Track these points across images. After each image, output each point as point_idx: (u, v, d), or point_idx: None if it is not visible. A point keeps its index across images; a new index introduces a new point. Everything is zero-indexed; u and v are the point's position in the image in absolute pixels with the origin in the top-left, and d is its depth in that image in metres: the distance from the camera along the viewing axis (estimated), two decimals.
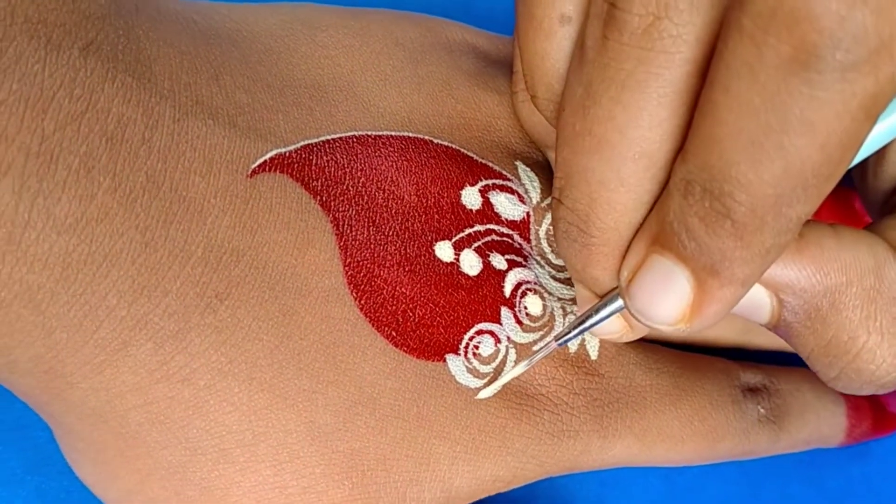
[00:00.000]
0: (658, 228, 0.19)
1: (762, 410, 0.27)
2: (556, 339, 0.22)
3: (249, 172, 0.22)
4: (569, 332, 0.22)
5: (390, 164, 0.23)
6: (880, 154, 0.23)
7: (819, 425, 0.29)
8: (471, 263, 0.24)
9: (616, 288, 0.21)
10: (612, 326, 0.22)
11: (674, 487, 0.31)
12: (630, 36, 0.17)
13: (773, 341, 0.30)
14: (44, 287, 0.19)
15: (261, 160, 0.22)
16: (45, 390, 0.20)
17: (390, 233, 0.23)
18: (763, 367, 0.29)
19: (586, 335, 0.25)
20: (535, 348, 0.24)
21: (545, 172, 0.26)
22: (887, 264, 0.20)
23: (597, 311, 0.21)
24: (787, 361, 0.30)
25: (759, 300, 0.20)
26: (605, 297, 0.21)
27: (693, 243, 0.18)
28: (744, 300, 0.20)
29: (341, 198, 0.23)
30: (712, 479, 0.31)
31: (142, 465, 0.21)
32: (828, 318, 0.20)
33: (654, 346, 0.27)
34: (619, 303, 0.21)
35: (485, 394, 0.23)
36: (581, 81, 0.19)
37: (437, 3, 0.31)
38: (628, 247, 0.20)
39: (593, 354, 0.25)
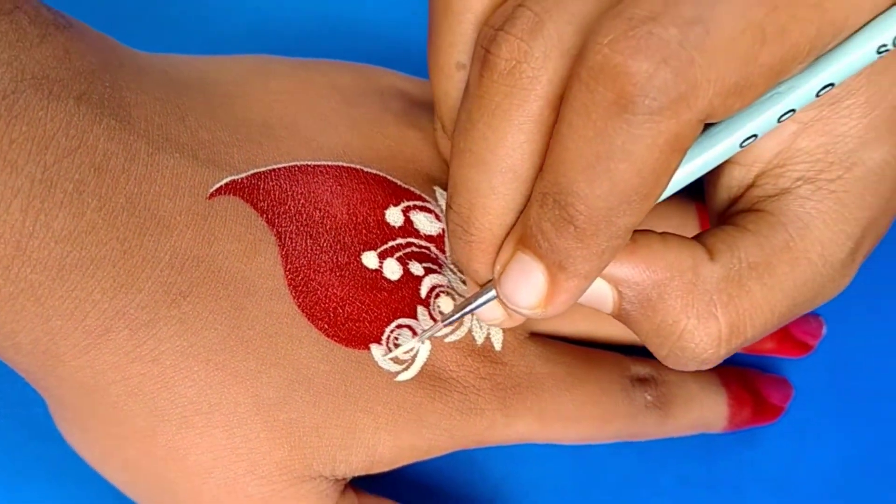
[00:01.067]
0: (522, 231, 0.23)
1: (649, 398, 0.31)
2: (443, 320, 0.27)
3: (208, 195, 0.26)
4: (453, 315, 0.27)
5: (326, 188, 0.28)
6: (713, 181, 0.27)
7: (702, 412, 0.33)
8: (392, 270, 0.28)
9: (492, 279, 0.25)
10: (495, 313, 0.26)
11: (580, 465, 0.34)
12: (498, 75, 0.22)
13: None
14: (43, 284, 0.23)
15: (217, 185, 0.26)
16: (42, 367, 0.25)
17: (324, 244, 0.28)
18: (653, 361, 0.32)
19: (492, 331, 0.29)
20: (437, 327, 0.28)
21: None
22: (703, 264, 0.24)
23: (476, 298, 0.26)
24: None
25: (603, 293, 0.25)
26: (483, 287, 0.26)
27: (546, 243, 0.22)
28: (592, 294, 0.24)
29: (284, 215, 0.27)
30: (616, 459, 0.35)
31: (119, 431, 0.26)
32: (656, 306, 0.24)
33: (554, 341, 0.31)
34: (494, 292, 0.25)
35: (402, 377, 0.28)
36: (465, 110, 0.23)
37: (379, 52, 0.35)
38: (501, 245, 0.24)
39: (497, 346, 0.29)
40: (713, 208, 0.27)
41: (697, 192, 0.32)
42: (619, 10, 0.20)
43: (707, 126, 0.23)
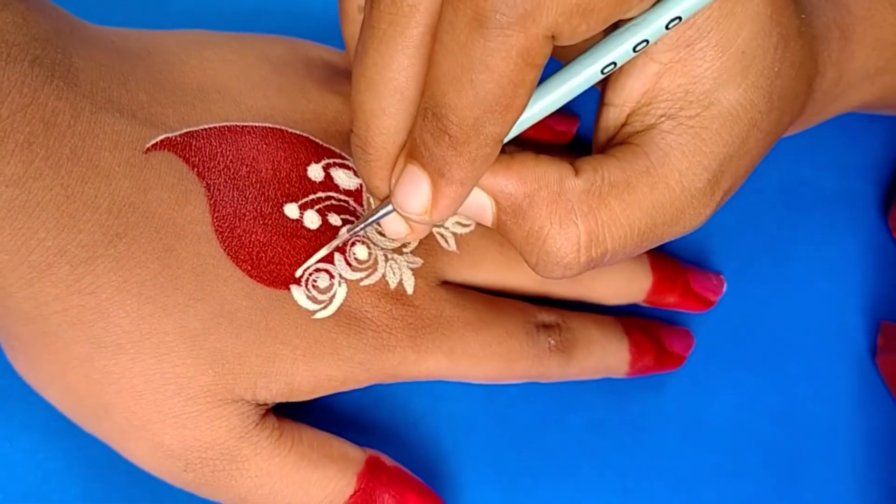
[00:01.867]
0: (410, 145, 0.25)
1: (552, 342, 0.33)
2: (349, 231, 0.29)
3: (144, 150, 0.29)
4: (359, 225, 0.29)
5: (252, 146, 0.31)
6: (596, 124, 0.29)
7: (604, 356, 0.35)
8: (312, 220, 0.31)
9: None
10: (398, 227, 0.28)
11: (494, 404, 0.37)
12: (384, 5, 0.23)
13: (569, 291, 0.36)
14: None
15: (153, 141, 0.29)
16: None
17: (250, 196, 0.30)
18: (558, 310, 0.35)
19: (405, 277, 0.32)
20: (336, 242, 0.30)
21: None
22: (568, 178, 0.26)
23: (378, 210, 0.28)
24: (581, 308, 0.37)
25: (483, 203, 0.26)
26: (383, 202, 0.28)
27: (427, 153, 0.24)
28: (474, 204, 0.26)
29: (213, 170, 0.30)
30: (527, 400, 0.37)
31: (60, 357, 0.28)
32: (526, 213, 0.26)
33: (465, 289, 0.34)
34: (391, 205, 0.27)
35: (320, 315, 0.30)
36: (360, 41, 0.25)
37: (310, 29, 0.38)
38: (396, 162, 0.26)
39: (409, 290, 0.32)
40: (596, 148, 0.29)
41: None
42: None
43: (574, 57, 0.25)
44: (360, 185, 0.32)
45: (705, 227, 0.35)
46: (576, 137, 0.40)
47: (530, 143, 0.37)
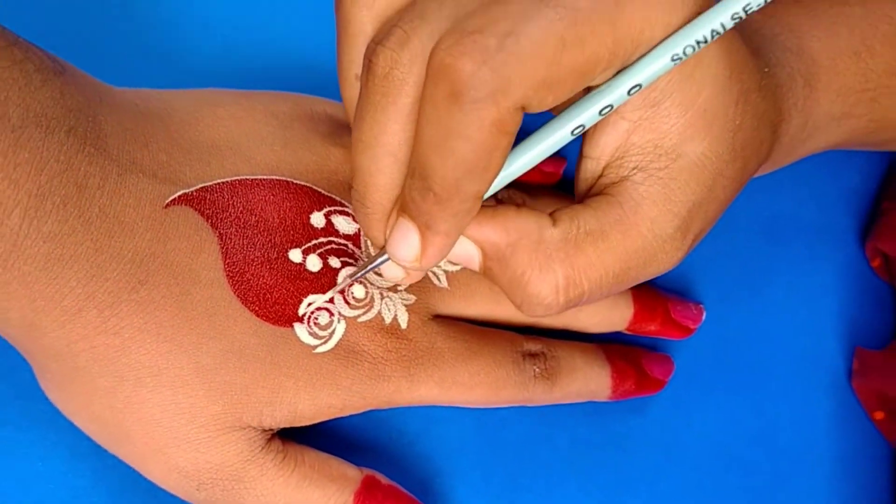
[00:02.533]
0: (402, 201, 0.28)
1: (537, 369, 0.35)
2: (351, 277, 0.33)
3: (164, 205, 0.31)
4: (360, 271, 0.32)
5: (261, 197, 0.34)
6: (576, 175, 0.31)
7: (587, 382, 0.37)
8: (314, 263, 0.34)
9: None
10: (395, 272, 0.31)
11: (484, 426, 0.39)
12: (378, 78, 0.26)
13: (555, 321, 0.39)
14: (32, 274, 0.28)
15: (172, 197, 0.31)
16: (28, 338, 0.29)
17: (258, 243, 0.33)
18: (544, 339, 0.38)
19: (399, 312, 0.35)
20: (339, 286, 0.33)
21: None
22: (546, 228, 0.28)
23: (376, 258, 0.31)
24: (566, 337, 0.39)
25: (470, 252, 0.29)
26: (381, 251, 0.30)
27: (416, 208, 0.27)
28: (461, 253, 0.29)
29: (225, 220, 0.33)
30: (515, 421, 0.39)
31: (87, 389, 0.30)
32: (509, 261, 0.29)
33: (455, 322, 0.36)
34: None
35: (321, 349, 0.33)
36: (358, 108, 0.27)
37: (313, 83, 0.40)
38: (390, 214, 0.29)
39: (403, 325, 0.35)
40: (578, 197, 0.31)
41: None
42: (456, 25, 0.24)
43: (545, 120, 0.28)
44: (359, 230, 0.35)
45: (687, 258, 0.38)
46: (563, 177, 0.43)
47: (522, 185, 0.39)
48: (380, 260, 0.31)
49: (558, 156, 0.42)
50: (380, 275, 0.34)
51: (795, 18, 0.37)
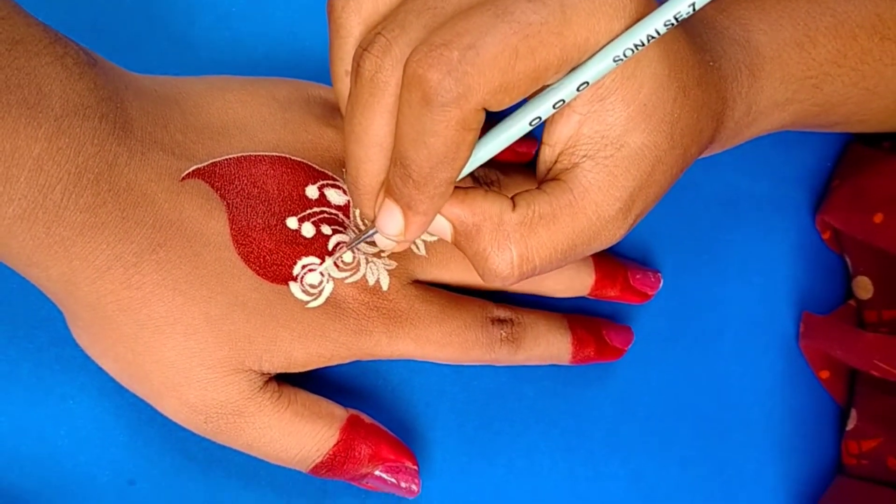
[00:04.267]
0: (387, 184, 0.32)
1: (504, 334, 0.40)
2: (347, 246, 0.37)
3: (180, 179, 0.35)
4: (354, 242, 0.36)
5: (262, 171, 0.39)
6: (537, 159, 0.34)
7: (549, 347, 0.41)
8: (308, 230, 0.39)
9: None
10: (386, 242, 0.35)
11: (460, 376, 0.44)
12: (365, 80, 0.30)
13: (523, 286, 0.44)
14: (69, 238, 0.32)
15: (186, 172, 0.35)
16: (63, 291, 0.33)
17: (259, 211, 0.38)
18: (512, 307, 0.41)
19: (381, 276, 0.40)
20: (335, 257, 0.38)
21: None
22: (506, 212, 0.32)
23: (367, 231, 0.35)
24: (532, 304, 0.42)
25: (444, 226, 0.33)
26: (371, 224, 0.34)
27: (398, 192, 0.31)
28: (438, 227, 0.33)
29: (232, 191, 0.38)
30: (488, 373, 0.44)
31: (112, 335, 0.34)
32: (475, 237, 0.33)
33: (433, 287, 0.41)
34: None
35: (312, 304, 0.38)
36: (348, 104, 0.31)
37: (311, 69, 0.45)
38: (378, 194, 0.33)
39: (385, 287, 0.40)
40: (538, 177, 0.34)
41: None
42: (427, 39, 0.28)
43: (504, 114, 0.31)
44: (348, 202, 0.39)
45: (647, 228, 0.43)
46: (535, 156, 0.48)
47: (498, 164, 0.44)
48: (370, 232, 0.36)
49: (530, 137, 0.47)
50: (373, 244, 0.39)
51: (745, 12, 0.41)
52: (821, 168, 0.52)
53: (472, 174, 0.42)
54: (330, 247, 0.39)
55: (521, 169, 0.45)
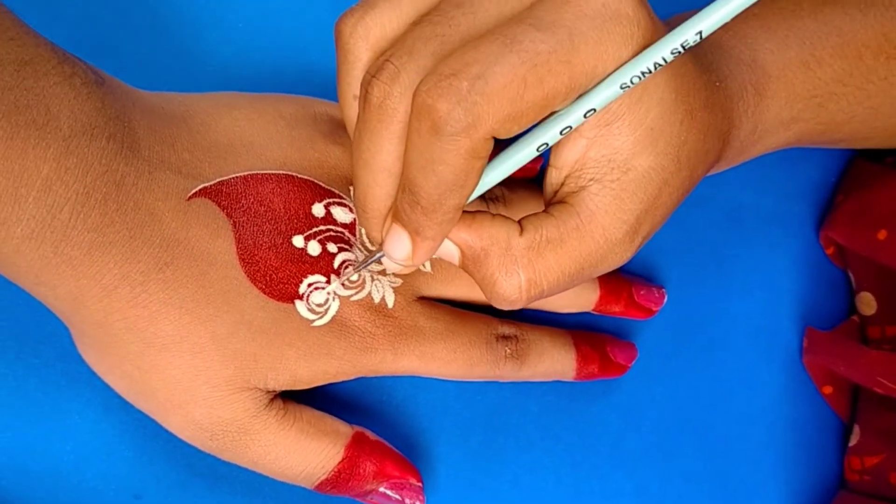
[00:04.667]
0: (395, 209, 0.32)
1: (508, 350, 0.40)
2: (355, 269, 0.37)
3: (187, 198, 0.35)
4: (361, 265, 0.36)
5: (269, 190, 0.39)
6: (544, 182, 0.34)
7: (553, 364, 0.42)
8: (314, 248, 0.39)
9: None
10: (394, 266, 0.34)
11: (464, 392, 0.44)
12: (373, 107, 0.30)
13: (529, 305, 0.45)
14: (77, 257, 0.32)
15: (193, 191, 0.35)
16: (70, 309, 0.34)
17: (266, 230, 0.38)
18: (517, 323, 0.41)
19: (387, 293, 0.41)
20: (342, 278, 0.38)
21: None
22: (514, 237, 0.32)
23: (374, 254, 0.36)
24: (537, 319, 0.43)
25: (452, 251, 0.33)
26: (379, 248, 0.34)
27: (406, 217, 0.31)
28: (445, 251, 0.33)
29: (238, 210, 0.38)
30: (492, 389, 0.44)
31: (119, 352, 0.35)
32: (482, 262, 0.33)
33: (438, 303, 0.42)
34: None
35: (318, 323, 0.39)
36: (357, 130, 0.31)
37: (318, 84, 0.46)
38: (386, 219, 0.33)
39: (390, 304, 0.40)
40: (545, 198, 0.35)
41: None
42: (436, 68, 0.28)
43: (512, 140, 0.31)
44: (354, 220, 0.40)
45: (652, 243, 0.42)
46: (541, 172, 0.48)
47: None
48: (377, 255, 0.37)
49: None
50: (379, 263, 0.39)
51: (751, 31, 0.41)
52: (825, 183, 0.52)
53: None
54: (336, 265, 0.39)
55: (526, 184, 0.45)
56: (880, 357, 0.46)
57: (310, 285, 0.39)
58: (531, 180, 0.47)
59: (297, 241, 0.38)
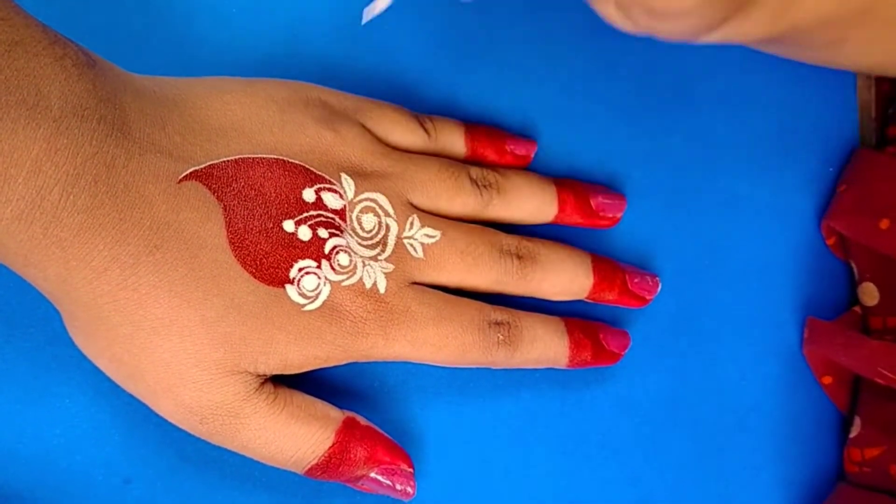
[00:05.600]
0: None
1: (501, 336, 0.40)
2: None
3: (178, 181, 0.35)
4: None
5: (260, 174, 0.40)
6: None
7: (545, 351, 0.42)
8: (304, 233, 0.40)
9: None
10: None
11: (456, 378, 0.44)
12: None
13: (520, 290, 0.45)
14: (67, 239, 0.32)
15: (184, 174, 0.36)
16: (60, 291, 0.34)
17: (256, 214, 0.39)
18: (510, 309, 0.42)
19: (378, 278, 0.41)
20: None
21: (359, 180, 0.42)
22: None
23: None
24: (529, 307, 0.43)
25: None
26: None
27: None
28: None
29: (229, 194, 0.38)
30: (485, 375, 0.44)
31: (109, 335, 0.35)
32: None
33: (430, 289, 0.42)
34: None
35: (308, 307, 0.39)
36: None
37: (311, 72, 0.47)
38: None
39: (381, 290, 0.41)
40: None
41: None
42: None
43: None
44: (345, 206, 0.40)
45: (646, 232, 0.45)
46: (536, 158, 0.49)
47: (497, 166, 0.47)
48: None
49: (529, 139, 0.49)
50: (370, 247, 0.40)
51: None
52: (823, 173, 0.53)
53: (469, 177, 0.44)
54: (326, 250, 0.40)
55: (521, 172, 0.46)
56: (882, 347, 0.47)
57: (300, 270, 0.39)
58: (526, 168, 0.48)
59: (288, 225, 0.38)
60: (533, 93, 0.50)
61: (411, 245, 0.42)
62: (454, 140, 0.47)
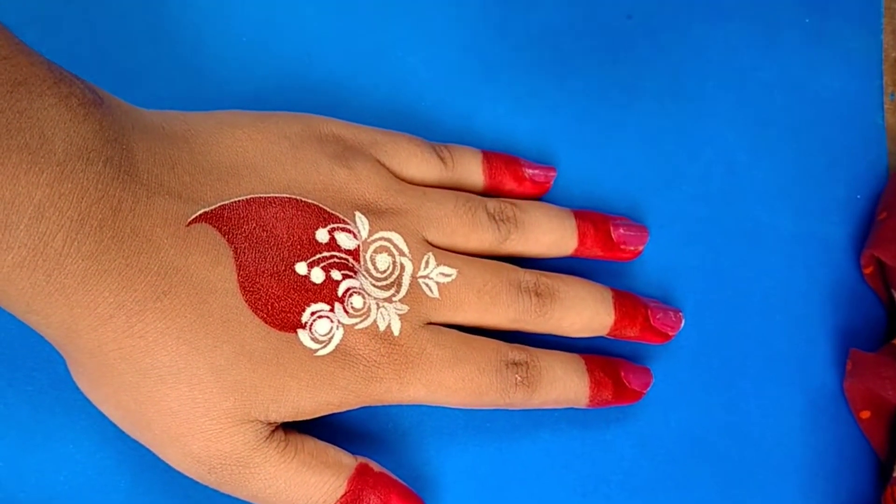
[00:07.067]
0: None
1: (519, 377, 0.40)
2: None
3: (187, 223, 0.35)
4: None
5: (272, 214, 0.39)
6: None
7: (565, 391, 0.41)
8: (317, 276, 0.39)
9: None
10: None
11: (472, 419, 0.43)
12: None
13: (539, 327, 0.44)
14: (71, 286, 0.32)
15: (193, 216, 0.35)
16: (65, 338, 0.33)
17: (268, 256, 0.38)
18: (528, 348, 0.41)
19: (393, 321, 0.41)
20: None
21: (373, 218, 0.41)
22: None
23: None
24: (549, 344, 0.43)
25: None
26: None
27: None
28: None
29: (240, 235, 0.38)
30: (502, 416, 0.43)
31: (114, 382, 0.34)
32: None
33: (446, 329, 0.42)
34: None
35: (321, 352, 0.39)
36: None
37: (324, 101, 0.46)
38: None
39: (396, 332, 0.40)
40: None
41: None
42: None
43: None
44: (358, 246, 0.40)
45: (668, 264, 0.44)
46: (554, 187, 0.48)
47: (515, 197, 0.46)
48: None
49: (549, 166, 0.48)
50: (383, 288, 0.40)
51: None
52: (849, 200, 0.52)
53: (486, 211, 0.43)
54: (340, 292, 0.39)
55: (539, 204, 0.46)
56: None
57: (313, 314, 0.39)
58: (543, 198, 0.48)
59: (301, 268, 0.38)
60: (551, 120, 0.49)
61: (426, 285, 0.42)
62: (472, 168, 0.46)
